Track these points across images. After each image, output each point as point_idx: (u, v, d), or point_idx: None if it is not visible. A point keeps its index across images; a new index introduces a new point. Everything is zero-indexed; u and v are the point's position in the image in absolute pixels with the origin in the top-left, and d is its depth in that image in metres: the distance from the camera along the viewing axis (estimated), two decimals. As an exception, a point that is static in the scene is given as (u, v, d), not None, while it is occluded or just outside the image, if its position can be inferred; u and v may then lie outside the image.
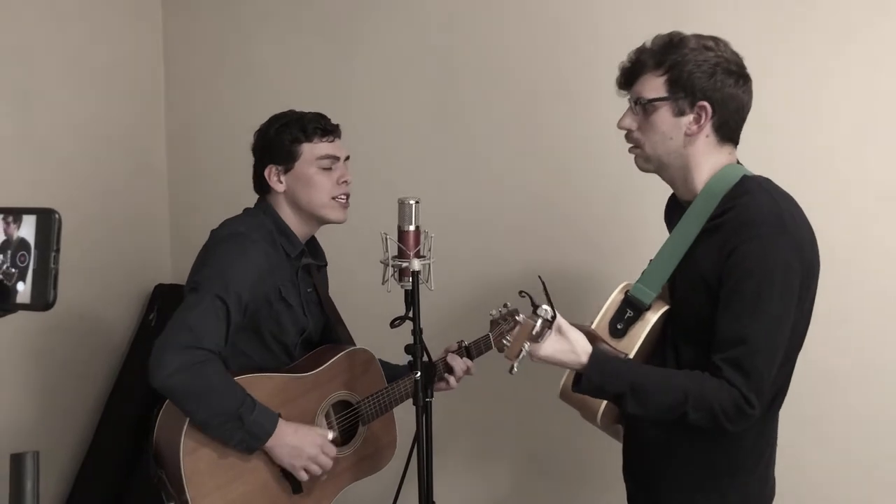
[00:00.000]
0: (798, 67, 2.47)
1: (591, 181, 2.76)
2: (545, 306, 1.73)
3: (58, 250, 0.89)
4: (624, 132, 1.89)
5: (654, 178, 1.93)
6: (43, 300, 0.89)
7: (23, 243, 0.90)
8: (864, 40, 2.41)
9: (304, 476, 2.09)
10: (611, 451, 2.21)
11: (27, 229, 0.90)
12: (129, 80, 3.36)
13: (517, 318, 1.76)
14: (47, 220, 0.90)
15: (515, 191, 2.89)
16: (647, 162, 1.87)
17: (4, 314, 0.90)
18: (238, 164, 3.21)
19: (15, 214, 0.91)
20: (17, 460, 0.95)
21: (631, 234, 2.67)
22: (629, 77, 1.87)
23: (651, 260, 2.10)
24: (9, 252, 0.90)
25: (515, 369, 1.72)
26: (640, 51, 1.85)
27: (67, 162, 3.09)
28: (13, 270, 0.90)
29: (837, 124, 2.46)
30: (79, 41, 3.15)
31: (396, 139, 3.08)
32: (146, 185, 3.45)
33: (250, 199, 2.33)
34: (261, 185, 2.27)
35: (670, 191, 1.98)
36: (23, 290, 0.90)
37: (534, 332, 1.70)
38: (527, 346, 1.71)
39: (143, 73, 3.44)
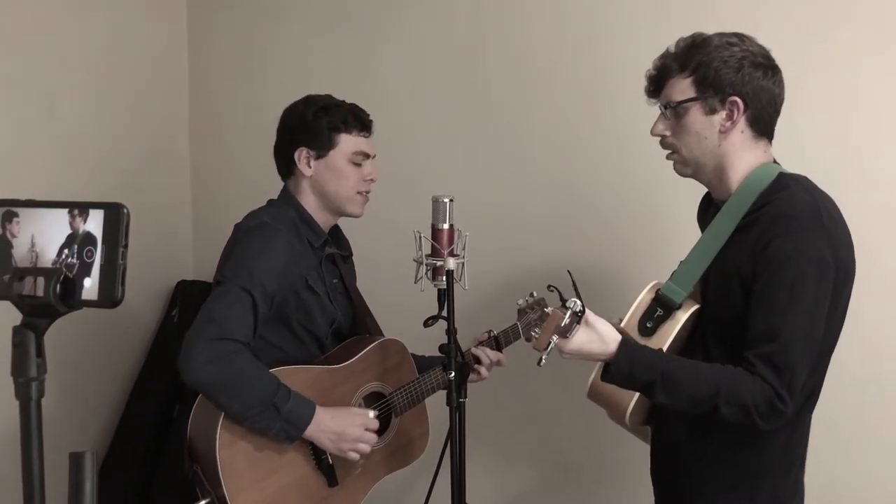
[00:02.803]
0: (834, 67, 2.43)
1: (621, 178, 2.73)
2: (574, 299, 1.72)
3: (126, 246, 0.87)
4: (658, 139, 1.87)
5: (674, 176, 1.91)
6: (111, 297, 0.87)
7: (89, 238, 0.88)
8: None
9: (354, 457, 2.07)
10: (637, 453, 2.20)
11: (94, 224, 0.88)
12: (152, 75, 3.34)
13: (545, 309, 1.74)
14: (115, 215, 0.88)
15: (544, 187, 2.87)
16: (686, 166, 1.86)
17: (69, 311, 0.88)
18: (262, 161, 3.20)
19: (81, 208, 0.89)
20: (76, 459, 0.93)
21: (661, 231, 2.65)
22: (657, 84, 1.86)
23: (682, 261, 2.09)
24: (75, 246, 0.88)
25: (544, 361, 1.70)
26: (664, 56, 1.85)
27: (91, 156, 3.08)
28: (78, 265, 0.88)
29: (875, 126, 2.42)
30: (103, 34, 3.13)
31: (422, 135, 3.05)
32: (169, 182, 3.44)
33: (274, 194, 2.30)
34: (287, 166, 2.23)
35: (701, 188, 1.96)
36: (89, 286, 0.88)
37: (562, 325, 1.68)
38: (555, 338, 1.68)
39: (168, 67, 3.42)
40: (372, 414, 2.10)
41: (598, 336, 1.72)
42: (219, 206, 3.42)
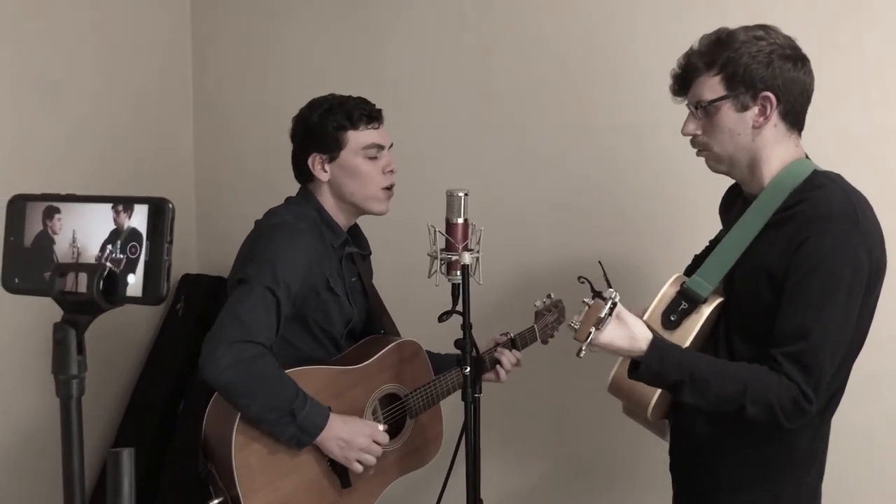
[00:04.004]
0: (850, 62, 2.42)
1: (633, 172, 2.72)
2: (611, 290, 1.71)
3: (171, 242, 0.86)
4: (689, 138, 1.85)
5: (699, 168, 1.89)
6: (156, 294, 0.85)
7: (134, 233, 0.86)
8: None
9: (357, 468, 2.06)
10: (650, 448, 2.19)
11: (139, 219, 0.86)
12: (156, 68, 3.33)
13: (585, 300, 1.73)
14: (161, 210, 0.86)
15: (556, 181, 2.85)
16: (719, 163, 1.84)
17: (112, 307, 0.87)
18: (266, 154, 3.18)
19: (126, 203, 0.87)
20: (114, 457, 0.92)
21: (675, 224, 2.64)
22: (683, 82, 1.84)
23: (696, 255, 2.08)
24: (118, 242, 0.87)
25: (584, 352, 1.69)
26: (689, 54, 1.82)
27: (95, 150, 3.06)
28: (123, 259, 0.86)
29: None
30: (106, 27, 3.11)
31: (431, 127, 3.03)
32: (173, 174, 3.42)
33: (278, 187, 2.28)
34: (303, 174, 2.20)
35: (717, 181, 1.94)
36: (133, 282, 0.86)
37: (602, 315, 1.67)
38: (593, 329, 1.67)
39: (171, 61, 3.40)
40: (382, 428, 2.10)
41: (629, 332, 1.71)
42: (223, 200, 3.41)
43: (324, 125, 2.13)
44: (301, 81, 3.18)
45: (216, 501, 1.97)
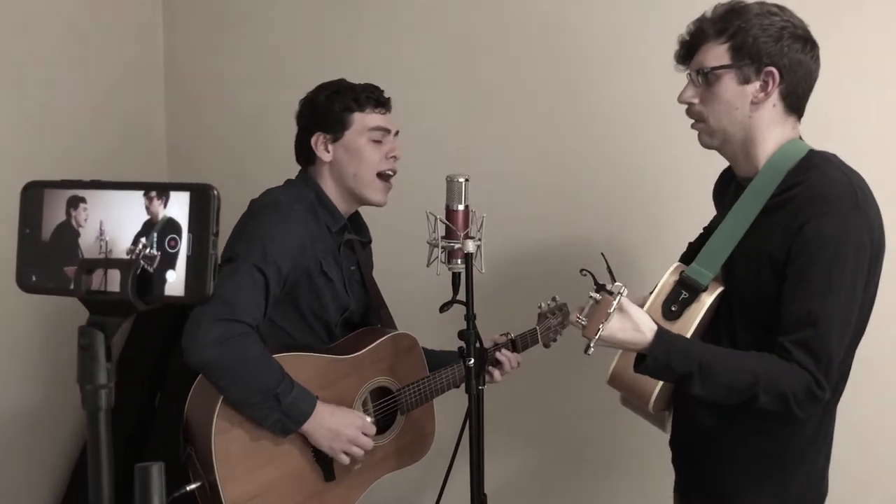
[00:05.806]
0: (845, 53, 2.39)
1: (638, 155, 2.66)
2: (619, 284, 1.65)
3: (216, 234, 0.76)
4: (690, 124, 1.81)
5: (690, 156, 1.84)
6: (200, 292, 0.75)
7: (172, 224, 0.76)
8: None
9: (345, 460, 2.00)
10: (649, 440, 2.15)
11: (177, 208, 0.76)
12: (126, 48, 3.19)
13: (592, 295, 1.67)
14: (203, 198, 0.76)
15: (555, 167, 2.78)
16: (712, 137, 1.79)
17: (147, 307, 0.77)
18: (240, 141, 3.08)
19: (161, 190, 0.77)
20: (143, 472, 0.84)
21: (666, 213, 2.60)
22: (689, 49, 1.80)
23: (690, 242, 2.04)
24: (154, 234, 0.76)
25: (592, 349, 1.63)
26: (701, 20, 1.78)
27: (64, 135, 2.93)
28: (159, 254, 0.77)
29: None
30: (73, 8, 2.98)
31: (425, 113, 2.93)
32: (145, 161, 3.29)
33: (252, 175, 2.24)
34: (306, 155, 2.16)
35: (710, 167, 1.90)
36: (173, 280, 0.76)
37: (611, 310, 1.62)
38: (602, 325, 1.62)
39: (142, 41, 3.27)
40: (370, 420, 2.04)
41: (633, 324, 1.66)
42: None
43: (330, 106, 2.11)
44: (276, 68, 3.09)
45: (193, 486, 1.91)
